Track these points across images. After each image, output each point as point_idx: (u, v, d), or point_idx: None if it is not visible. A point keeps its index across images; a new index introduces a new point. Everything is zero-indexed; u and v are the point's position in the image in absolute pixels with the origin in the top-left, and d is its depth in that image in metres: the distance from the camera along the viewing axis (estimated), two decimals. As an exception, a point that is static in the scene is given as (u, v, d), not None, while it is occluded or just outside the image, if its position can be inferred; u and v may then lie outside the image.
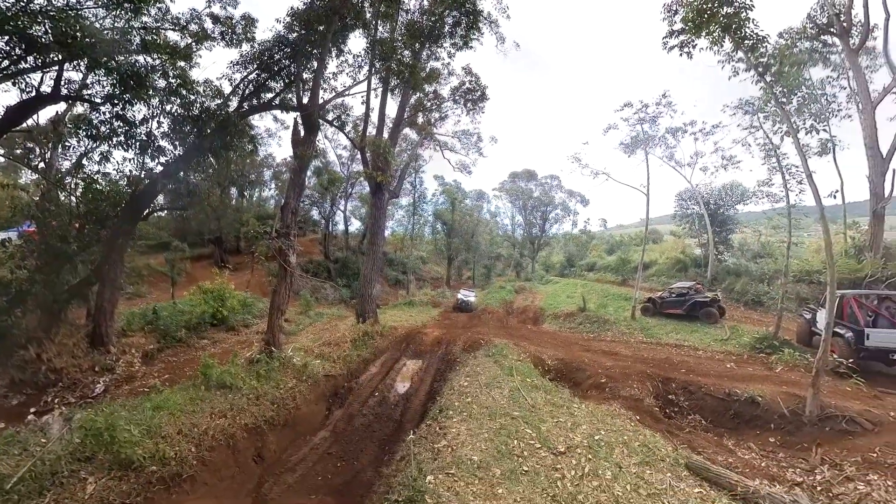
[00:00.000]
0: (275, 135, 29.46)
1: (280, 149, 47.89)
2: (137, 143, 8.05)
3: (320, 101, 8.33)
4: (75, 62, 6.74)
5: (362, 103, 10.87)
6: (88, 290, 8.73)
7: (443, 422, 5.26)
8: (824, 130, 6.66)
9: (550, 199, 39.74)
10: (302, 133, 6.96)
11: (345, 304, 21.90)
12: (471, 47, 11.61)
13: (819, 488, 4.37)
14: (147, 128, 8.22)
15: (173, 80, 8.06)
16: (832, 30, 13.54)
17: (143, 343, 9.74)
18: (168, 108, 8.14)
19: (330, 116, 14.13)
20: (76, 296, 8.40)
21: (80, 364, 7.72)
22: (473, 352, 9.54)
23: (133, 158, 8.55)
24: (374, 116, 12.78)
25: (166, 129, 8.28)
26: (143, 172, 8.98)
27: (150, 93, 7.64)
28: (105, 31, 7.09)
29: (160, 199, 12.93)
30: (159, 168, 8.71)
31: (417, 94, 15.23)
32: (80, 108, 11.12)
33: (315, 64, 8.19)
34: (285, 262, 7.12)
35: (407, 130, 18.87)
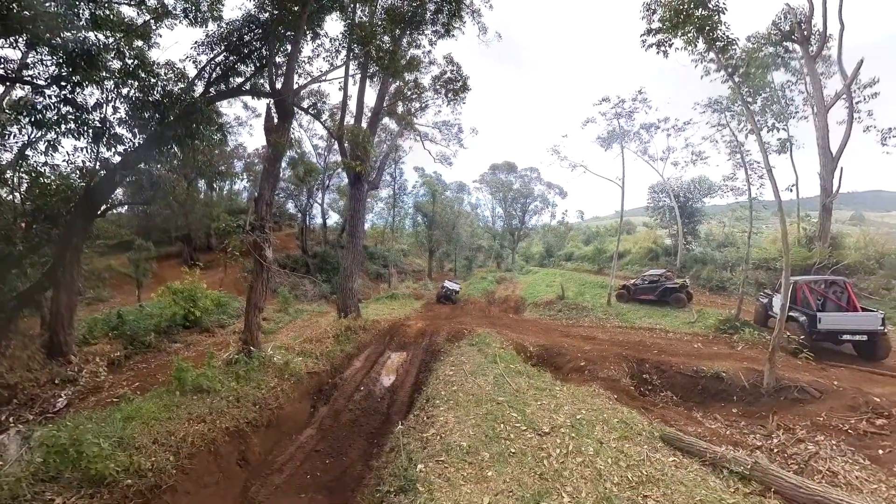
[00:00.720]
0: (246, 123, 28.02)
1: (252, 138, 45.48)
2: (90, 131, 7.33)
3: (295, 86, 7.90)
4: (12, 38, 6.03)
5: (340, 89, 10.49)
6: (42, 296, 7.98)
7: (430, 411, 5.30)
8: (784, 129, 7.24)
9: (530, 191, 40.40)
10: (275, 120, 6.59)
11: (325, 299, 21.44)
12: (452, 36, 11.40)
13: (776, 450, 4.81)
14: (101, 113, 7.51)
15: (130, 61, 7.39)
16: (794, 37, 14.69)
17: (109, 350, 9.04)
18: (125, 91, 7.47)
19: (305, 104, 13.59)
20: (27, 303, 7.66)
21: (38, 378, 7.07)
22: (457, 341, 9.67)
23: (86, 148, 7.80)
24: (353, 105, 12.41)
25: (123, 115, 7.60)
26: (99, 163, 8.22)
27: (104, 75, 6.98)
28: (47, 4, 6.37)
29: (119, 193, 11.99)
30: (117, 158, 8.01)
31: (397, 83, 14.88)
32: (20, 92, 10.05)
33: (289, 47, 7.71)
34: (261, 256, 6.81)
35: (386, 120, 18.46)
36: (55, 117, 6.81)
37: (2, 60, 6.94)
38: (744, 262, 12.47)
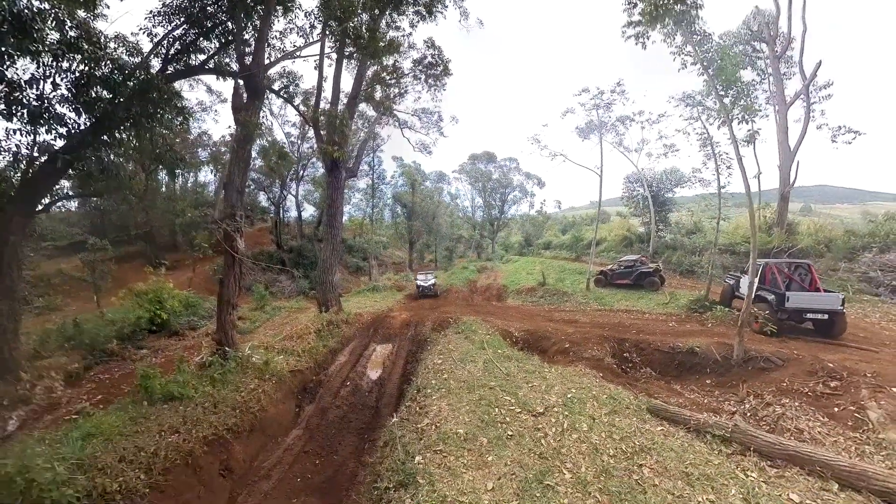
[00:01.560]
0: (210, 109, 26.01)
1: (217, 125, 42.38)
2: (25, 111, 6.41)
3: (266, 61, 7.28)
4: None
5: (315, 68, 9.83)
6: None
7: (422, 401, 5.27)
8: (753, 121, 7.57)
9: (509, 181, 40.70)
10: (245, 98, 6.05)
11: (304, 295, 20.69)
12: (433, 18, 10.97)
13: (748, 414, 5.17)
14: (38, 90, 6.60)
15: (71, 32, 6.47)
16: (762, 37, 15.50)
17: (65, 363, 8.11)
18: (67, 65, 6.56)
19: (277, 86, 12.75)
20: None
21: (-19, 402, 6.24)
22: (443, 330, 9.72)
23: (20, 130, 6.83)
24: (328, 88, 11.75)
25: (66, 93, 6.71)
26: (37, 149, 7.24)
27: (40, 47, 6.07)
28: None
29: (66, 185, 10.69)
30: (60, 143, 7.08)
31: (375, 67, 14.26)
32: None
33: (258, 22, 7.07)
34: (232, 248, 6.33)
35: (363, 106, 17.77)
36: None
37: None
38: (712, 247, 13.21)
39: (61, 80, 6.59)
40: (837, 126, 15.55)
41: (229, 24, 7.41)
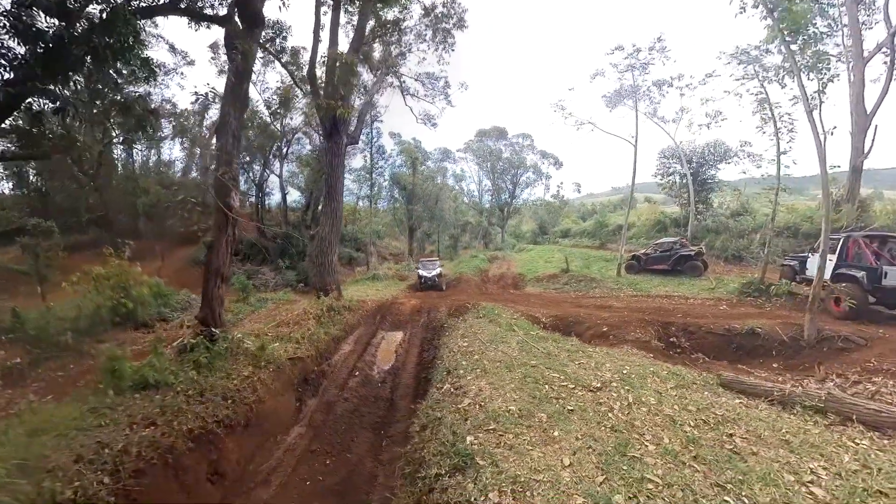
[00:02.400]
0: (174, 72, 25.33)
1: (183, 92, 40.85)
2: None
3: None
4: None
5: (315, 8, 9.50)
6: None
7: (456, 382, 5.23)
8: (827, 69, 7.27)
9: (521, 161, 40.35)
10: (240, 27, 5.75)
11: (291, 288, 20.55)
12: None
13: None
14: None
15: None
16: None
17: (3, 358, 7.61)
18: None
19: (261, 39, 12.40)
20: None
21: None
22: (461, 315, 9.76)
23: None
24: (325, 40, 11.41)
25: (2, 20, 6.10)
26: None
27: None
28: None
29: None
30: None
31: (373, 23, 13.89)
32: None
33: None
34: (225, 205, 6.09)
35: (360, 70, 17.42)
36: None
37: None
38: (770, 220, 12.90)
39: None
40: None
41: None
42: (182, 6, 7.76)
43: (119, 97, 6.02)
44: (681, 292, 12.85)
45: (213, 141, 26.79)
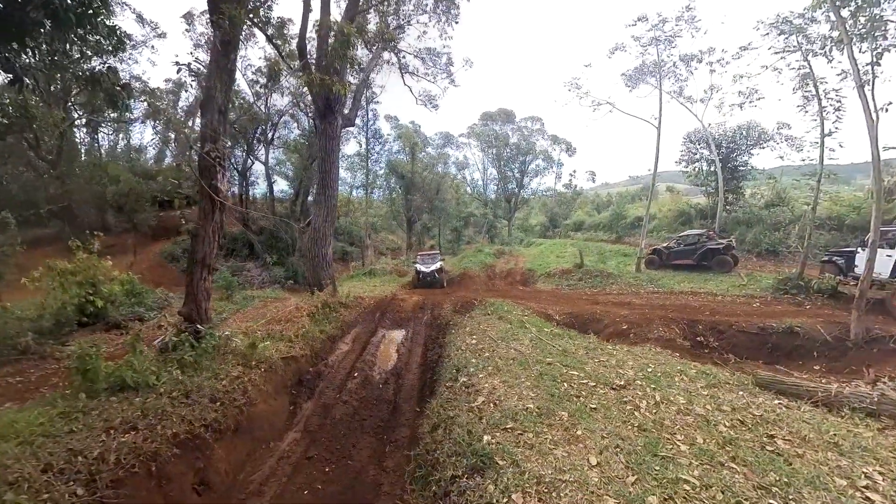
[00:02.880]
0: (142, 45, 25.08)
1: (155, 69, 40.81)
2: None
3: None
4: None
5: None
6: None
7: (466, 380, 5.29)
8: (883, 37, 7.13)
9: (530, 147, 40.20)
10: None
11: (280, 285, 20.62)
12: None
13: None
14: None
15: None
16: None
17: None
18: None
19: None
20: None
21: None
22: (468, 312, 9.90)
23: None
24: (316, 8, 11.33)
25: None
26: None
27: None
28: None
29: None
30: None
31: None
32: None
33: None
34: (212, 188, 6.04)
35: (354, 42, 17.30)
36: None
37: None
38: (807, 214, 12.74)
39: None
40: None
41: None
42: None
43: (83, 72, 5.88)
44: (708, 289, 12.82)
45: (192, 123, 26.44)
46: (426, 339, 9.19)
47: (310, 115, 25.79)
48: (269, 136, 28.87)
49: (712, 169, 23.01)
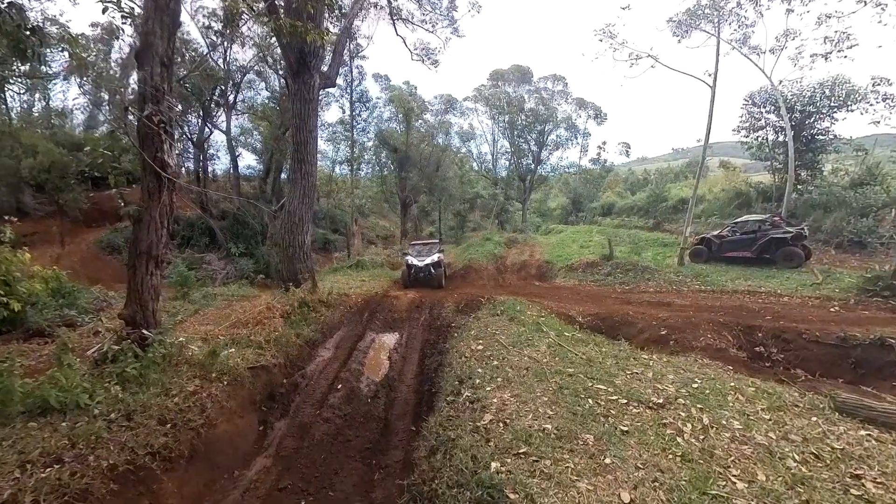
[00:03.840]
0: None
1: (78, 11, 39.06)
2: None
3: None
4: None
5: None
6: None
7: (472, 394, 5.36)
8: None
9: (551, 113, 39.76)
10: None
11: (248, 280, 20.74)
12: None
13: None
14: None
15: None
16: None
17: None
18: None
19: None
20: None
21: None
22: (473, 312, 10.15)
23: None
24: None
25: None
26: None
27: None
28: None
29: None
30: None
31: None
32: None
33: None
34: (157, 162, 5.88)
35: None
36: None
37: None
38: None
39: None
40: None
41: None
42: None
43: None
44: (770, 288, 12.72)
45: (131, 81, 25.15)
46: (423, 345, 9.36)
47: (280, 72, 25.53)
48: (231, 98, 28.34)
49: (781, 138, 22.33)
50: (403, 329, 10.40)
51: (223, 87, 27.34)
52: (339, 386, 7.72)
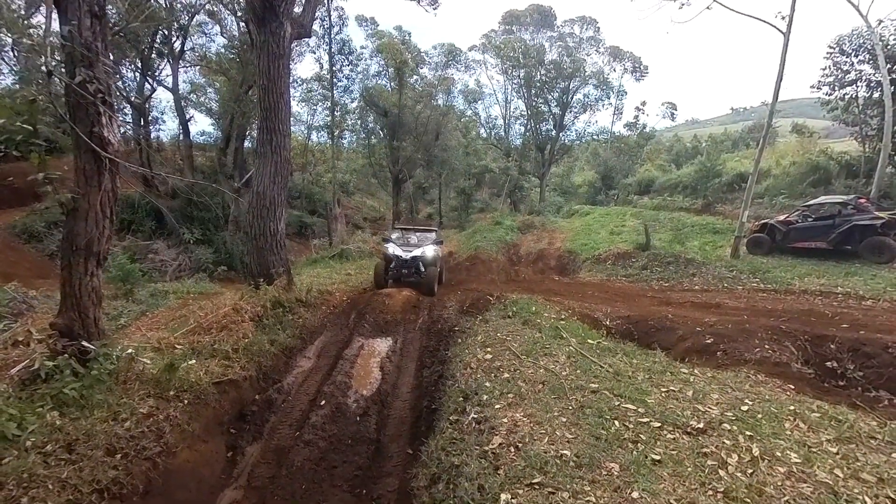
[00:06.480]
0: None
1: None
2: None
3: None
4: None
5: None
6: None
7: (480, 412, 5.49)
8: None
9: (577, 66, 39.50)
10: None
11: (207, 273, 20.99)
12: None
13: None
14: None
15: None
16: None
17: None
18: None
19: None
20: None
21: None
22: (480, 313, 10.21)
23: None
24: None
25: None
26: None
27: None
28: None
29: None
30: None
31: None
32: None
33: None
34: (96, 140, 5.89)
35: None
36: None
37: None
38: None
39: None
40: None
41: None
42: None
43: None
44: (850, 288, 12.78)
45: (43, 23, 24.56)
46: (422, 352, 9.49)
47: (240, 14, 25.19)
48: (177, 45, 27.90)
49: (876, 96, 21.82)
50: (398, 333, 10.51)
51: (166, 32, 26.69)
52: (323, 402, 7.83)
